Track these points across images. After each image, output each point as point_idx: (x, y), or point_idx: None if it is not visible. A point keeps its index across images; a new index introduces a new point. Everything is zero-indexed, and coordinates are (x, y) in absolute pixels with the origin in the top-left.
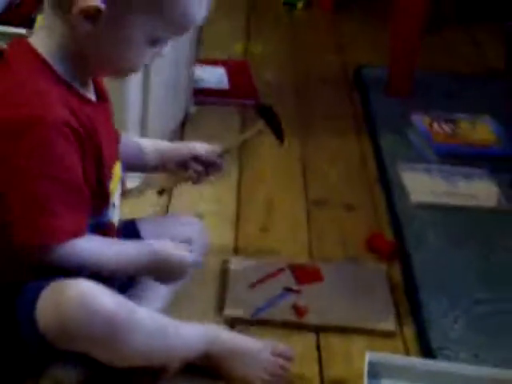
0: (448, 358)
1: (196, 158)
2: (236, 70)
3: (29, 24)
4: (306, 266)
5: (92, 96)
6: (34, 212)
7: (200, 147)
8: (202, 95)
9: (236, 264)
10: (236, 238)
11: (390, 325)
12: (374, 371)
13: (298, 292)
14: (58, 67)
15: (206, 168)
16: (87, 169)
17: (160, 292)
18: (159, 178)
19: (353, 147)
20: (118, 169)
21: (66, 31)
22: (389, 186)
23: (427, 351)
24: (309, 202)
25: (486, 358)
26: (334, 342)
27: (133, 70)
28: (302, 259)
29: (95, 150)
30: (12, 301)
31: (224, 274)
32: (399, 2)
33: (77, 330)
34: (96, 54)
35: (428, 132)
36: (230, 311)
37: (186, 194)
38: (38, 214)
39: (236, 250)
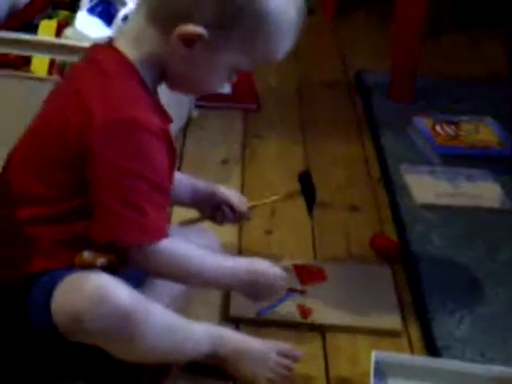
0: (454, 357)
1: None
2: (238, 75)
3: (31, 30)
4: (310, 267)
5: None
6: (130, 210)
7: (234, 196)
8: (204, 99)
9: None
10: (240, 240)
11: (395, 324)
12: (380, 370)
13: (302, 292)
14: (145, 76)
15: (234, 215)
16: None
17: (173, 290)
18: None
19: (356, 150)
20: None
21: (159, 46)
22: (392, 188)
23: (433, 350)
24: None
25: (492, 357)
26: (339, 341)
27: (207, 91)
28: (306, 260)
29: (173, 160)
30: (22, 293)
31: None
32: (400, 7)
33: (92, 323)
34: (181, 73)
35: (430, 134)
36: (235, 312)
37: None
38: (133, 212)
39: (240, 252)
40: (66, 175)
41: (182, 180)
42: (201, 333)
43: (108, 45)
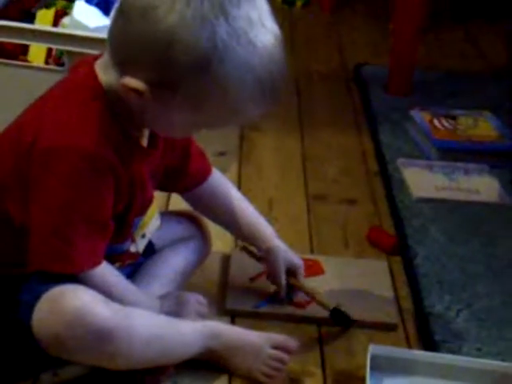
0: (451, 351)
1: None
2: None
3: (29, 19)
4: (307, 260)
5: (144, 140)
6: (57, 240)
7: (298, 263)
8: None
9: (237, 258)
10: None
11: (392, 318)
12: (377, 364)
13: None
14: (114, 103)
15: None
16: (117, 204)
17: (169, 273)
18: None
19: (353, 143)
20: (154, 208)
21: (118, 83)
22: (389, 181)
23: (430, 344)
24: (309, 197)
25: (489, 351)
26: (335, 334)
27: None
28: (303, 253)
29: (129, 188)
30: (13, 295)
31: (225, 267)
32: (399, 1)
33: (73, 344)
34: (140, 114)
35: (428, 128)
36: (230, 305)
37: None
38: (60, 242)
39: (237, 245)
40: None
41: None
42: (191, 334)
43: (92, 60)
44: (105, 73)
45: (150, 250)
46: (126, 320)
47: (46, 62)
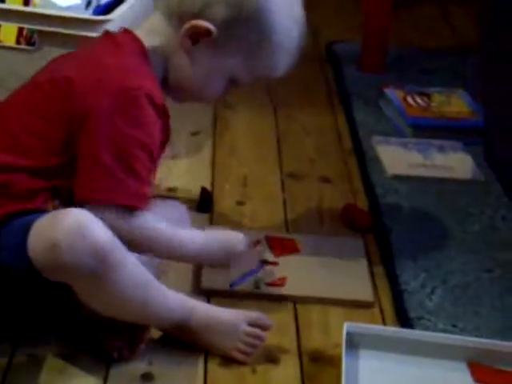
0: (426, 328)
1: None
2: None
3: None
4: (283, 238)
5: None
6: (128, 174)
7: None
8: None
9: None
10: (212, 211)
11: (367, 295)
12: (352, 341)
13: (274, 264)
14: (154, 64)
15: None
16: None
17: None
18: None
19: (327, 121)
20: None
21: (169, 40)
22: (364, 159)
23: (405, 321)
24: (284, 175)
25: (464, 328)
26: (311, 312)
27: (202, 98)
28: (279, 232)
29: (165, 139)
30: None
31: None
32: None
33: (68, 255)
34: (181, 70)
35: (402, 105)
36: (206, 284)
37: (159, 169)
38: (130, 176)
39: (212, 224)
40: (57, 129)
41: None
42: (174, 300)
43: (131, 31)
44: (149, 36)
45: None
46: (123, 251)
47: (18, 42)
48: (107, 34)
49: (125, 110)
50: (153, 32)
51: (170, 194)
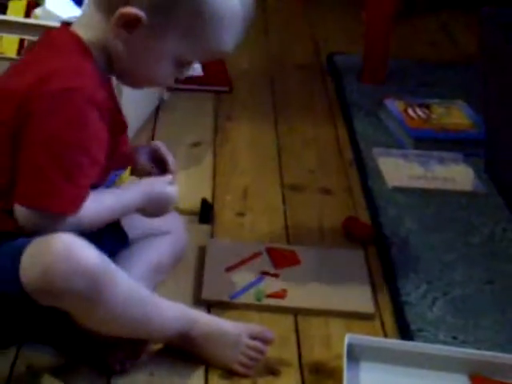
0: (426, 340)
1: None
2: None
3: (1, 10)
4: (283, 250)
5: None
6: (64, 179)
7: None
8: (175, 82)
9: (213, 248)
10: (212, 223)
11: (368, 307)
12: (353, 353)
13: (275, 276)
14: (96, 57)
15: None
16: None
17: (150, 260)
18: None
19: (328, 132)
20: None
21: (104, 31)
22: (365, 171)
23: (406, 333)
24: (285, 187)
25: (464, 340)
26: (312, 324)
27: (154, 84)
28: (279, 243)
29: (114, 137)
30: None
31: (201, 257)
32: None
33: (60, 280)
34: (124, 60)
35: (402, 117)
36: (207, 295)
37: None
38: (66, 182)
39: (212, 235)
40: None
41: None
42: (172, 312)
43: (66, 27)
44: (86, 31)
45: (124, 241)
46: (114, 270)
47: (19, 53)
48: (45, 33)
49: (62, 113)
50: (89, 25)
51: None
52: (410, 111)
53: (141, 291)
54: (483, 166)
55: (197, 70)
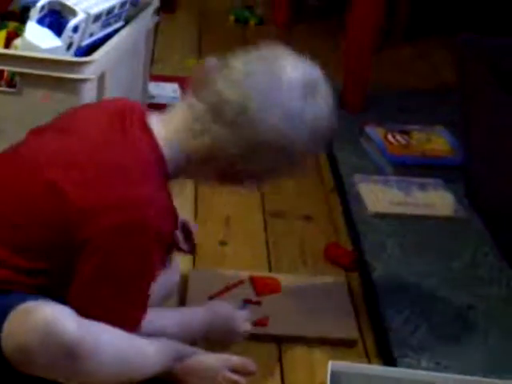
0: (409, 366)
1: None
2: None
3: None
4: (265, 278)
5: None
6: (126, 305)
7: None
8: (156, 111)
9: (195, 276)
10: (194, 252)
11: (351, 334)
12: (337, 380)
13: (257, 303)
14: (170, 164)
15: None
16: None
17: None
18: None
19: (309, 159)
20: None
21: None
22: (346, 197)
23: (389, 359)
24: (266, 214)
25: (447, 365)
26: (295, 352)
27: None
28: (261, 271)
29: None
30: None
31: (183, 286)
32: (352, 19)
33: (39, 355)
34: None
35: (383, 143)
36: None
37: None
38: (129, 307)
39: (195, 264)
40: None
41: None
42: (155, 355)
43: (143, 115)
44: (172, 133)
45: None
46: (94, 337)
47: None
48: (107, 106)
49: (125, 246)
50: (179, 131)
51: None
52: (391, 137)
53: (125, 348)
54: (463, 191)
55: (177, 99)
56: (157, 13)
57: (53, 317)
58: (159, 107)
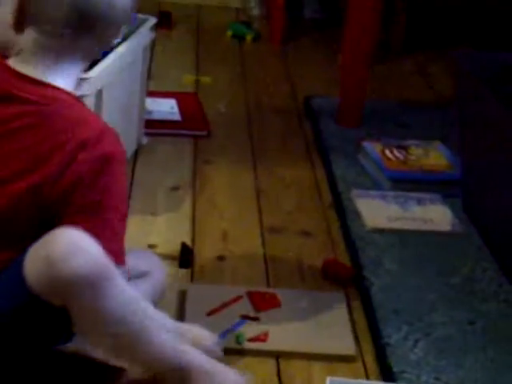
0: (409, 381)
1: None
2: (187, 102)
3: None
4: (264, 293)
5: None
6: (111, 239)
7: (205, 338)
8: (153, 127)
9: (193, 292)
10: (192, 267)
11: (349, 349)
12: None
13: (256, 319)
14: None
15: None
16: None
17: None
18: None
19: (306, 175)
20: None
21: None
22: (344, 213)
23: (388, 375)
24: (264, 230)
25: (447, 381)
26: (294, 368)
27: None
28: (260, 286)
29: None
30: None
31: (181, 302)
32: (349, 34)
33: (64, 267)
34: None
35: (380, 159)
36: None
37: (139, 225)
38: (113, 240)
39: (193, 279)
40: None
41: None
42: (170, 345)
43: None
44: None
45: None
46: (115, 269)
47: None
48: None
49: (102, 183)
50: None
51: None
52: (388, 153)
53: (140, 302)
54: (461, 206)
55: (175, 115)
56: (154, 29)
57: (80, 237)
58: (157, 123)
